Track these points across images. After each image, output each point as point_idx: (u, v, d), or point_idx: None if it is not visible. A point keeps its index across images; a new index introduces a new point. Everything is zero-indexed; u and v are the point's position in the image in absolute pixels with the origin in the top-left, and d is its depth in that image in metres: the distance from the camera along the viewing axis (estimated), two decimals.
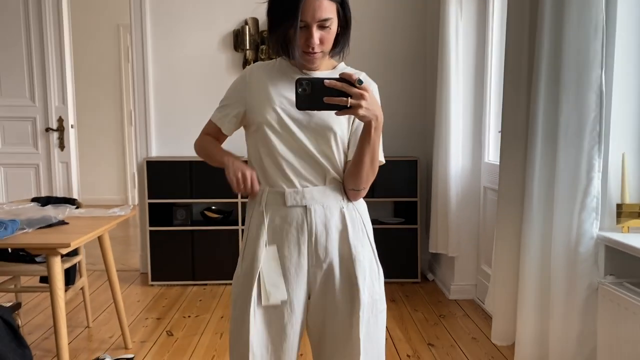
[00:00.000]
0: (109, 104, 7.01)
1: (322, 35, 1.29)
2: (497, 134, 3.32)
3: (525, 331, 2.12)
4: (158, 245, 3.89)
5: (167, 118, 4.16)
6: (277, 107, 1.36)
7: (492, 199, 3.30)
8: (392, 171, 3.84)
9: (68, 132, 4.11)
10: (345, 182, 1.39)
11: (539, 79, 2.02)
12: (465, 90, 3.46)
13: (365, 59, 4.10)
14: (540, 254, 2.07)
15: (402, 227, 3.92)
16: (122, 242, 5.34)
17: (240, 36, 4.06)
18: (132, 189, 7.15)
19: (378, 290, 1.43)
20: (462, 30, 3.40)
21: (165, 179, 3.85)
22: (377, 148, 1.31)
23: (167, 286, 3.90)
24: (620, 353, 1.73)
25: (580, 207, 1.88)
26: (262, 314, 1.39)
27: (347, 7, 1.33)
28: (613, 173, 1.91)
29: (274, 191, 1.38)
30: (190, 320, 3.24)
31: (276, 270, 1.37)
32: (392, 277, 3.93)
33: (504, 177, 2.33)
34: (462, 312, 3.36)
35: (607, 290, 1.79)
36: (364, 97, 1.18)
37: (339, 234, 1.39)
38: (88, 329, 3.13)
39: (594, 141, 1.85)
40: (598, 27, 1.81)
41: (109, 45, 6.89)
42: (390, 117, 4.14)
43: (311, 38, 1.28)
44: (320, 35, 1.29)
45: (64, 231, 2.30)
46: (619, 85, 1.88)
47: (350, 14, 1.34)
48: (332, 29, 1.31)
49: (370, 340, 1.39)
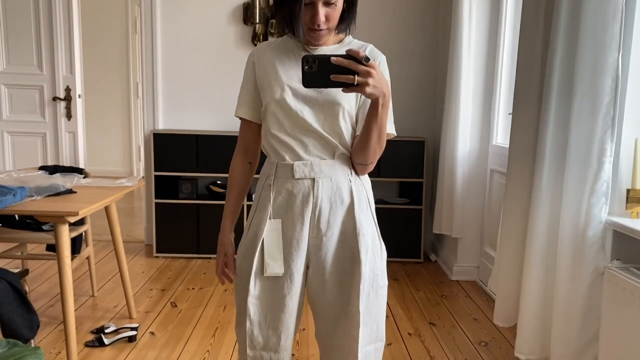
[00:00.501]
0: (116, 76, 6.98)
1: (327, 12, 1.29)
2: (506, 117, 3.30)
3: (528, 313, 2.14)
4: (163, 218, 3.91)
5: (175, 91, 4.14)
6: (285, 84, 1.36)
7: (499, 181, 3.29)
8: (399, 151, 3.84)
9: (75, 101, 4.11)
10: (353, 157, 1.40)
11: (554, 62, 1.99)
12: (476, 72, 3.43)
13: (376, 39, 4.06)
14: (547, 236, 2.07)
15: (406, 208, 3.92)
16: (127, 213, 5.36)
17: (250, 9, 4.01)
18: (137, 161, 7.16)
19: (380, 265, 1.44)
20: (475, 11, 3.35)
21: (171, 152, 3.85)
22: (385, 124, 1.31)
23: (172, 258, 3.93)
24: (623, 337, 1.75)
25: (590, 191, 1.87)
26: (262, 284, 1.41)
27: None
28: (624, 158, 1.90)
29: (284, 164, 1.39)
30: (194, 293, 3.26)
31: (277, 243, 1.39)
32: (395, 257, 3.95)
33: (514, 160, 2.32)
34: (464, 293, 3.38)
35: (613, 274, 1.80)
36: (371, 75, 1.18)
37: (345, 208, 1.40)
38: (93, 297, 3.16)
39: (607, 125, 1.84)
40: (617, 9, 1.78)
41: (117, 17, 6.84)
42: (399, 97, 4.12)
43: (317, 15, 1.28)
44: (326, 12, 1.29)
45: (72, 200, 2.31)
46: (636, 70, 1.86)
47: None
48: (338, 6, 1.30)
49: (370, 313, 1.41)
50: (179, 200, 3.91)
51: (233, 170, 1.53)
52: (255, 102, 1.45)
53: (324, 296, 1.42)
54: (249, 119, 1.47)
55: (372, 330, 1.42)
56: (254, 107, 1.45)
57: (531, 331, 2.14)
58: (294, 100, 1.35)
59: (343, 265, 1.40)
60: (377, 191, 4.17)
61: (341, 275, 1.40)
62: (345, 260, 1.40)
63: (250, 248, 1.42)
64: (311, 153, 1.38)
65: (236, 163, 1.52)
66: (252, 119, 1.46)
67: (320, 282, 1.42)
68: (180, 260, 3.90)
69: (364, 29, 4.03)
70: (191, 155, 3.85)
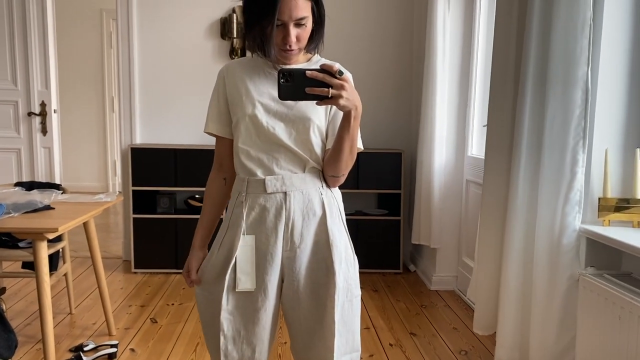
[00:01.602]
0: (91, 90, 6.92)
1: (298, 33, 1.33)
2: (480, 128, 3.37)
3: (507, 321, 2.18)
4: (141, 233, 3.87)
5: (152, 105, 4.13)
6: (256, 100, 1.39)
7: (475, 192, 3.36)
8: (376, 163, 3.88)
9: (51, 116, 4.06)
10: (325, 169, 1.43)
11: (527, 75, 2.06)
12: (451, 85, 3.50)
13: (352, 53, 4.11)
14: (524, 245, 2.12)
15: (385, 219, 3.96)
16: (103, 229, 5.29)
17: (227, 24, 4.04)
18: (113, 176, 7.08)
19: (353, 275, 1.47)
20: (450, 25, 3.43)
21: (149, 167, 3.83)
22: (357, 136, 1.35)
23: (150, 274, 3.89)
24: (599, 342, 1.80)
25: (564, 200, 1.93)
26: (235, 299, 1.43)
27: (321, 5, 1.37)
28: (596, 168, 1.97)
29: (255, 180, 1.42)
30: (173, 308, 3.24)
31: (250, 259, 1.41)
32: (374, 268, 3.98)
33: (489, 171, 2.38)
34: (443, 303, 3.42)
35: (587, 281, 1.85)
36: (344, 88, 1.22)
37: (317, 220, 1.43)
38: (71, 315, 3.11)
39: (578, 137, 1.90)
40: (585, 24, 1.86)
41: (92, 31, 6.79)
42: (376, 110, 4.17)
43: (288, 36, 1.31)
44: (297, 33, 1.33)
45: (51, 216, 2.29)
46: (604, 83, 1.93)
47: (324, 11, 1.38)
48: (308, 26, 1.34)
49: (345, 324, 1.43)
50: (157, 215, 3.88)
51: (209, 187, 1.56)
52: (226, 118, 1.47)
53: (299, 308, 1.44)
54: (219, 135, 1.49)
55: (348, 340, 1.44)
56: (224, 122, 1.48)
57: (510, 339, 2.18)
58: (266, 115, 1.39)
59: (317, 276, 1.42)
60: (356, 203, 4.20)
61: (316, 286, 1.42)
62: (319, 272, 1.42)
63: (223, 265, 1.44)
64: (282, 167, 1.41)
65: (211, 179, 1.55)
66: (223, 135, 1.49)
67: (295, 295, 1.43)
68: (159, 275, 3.87)
69: (339, 43, 4.09)
70: (169, 170, 3.83)
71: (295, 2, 1.29)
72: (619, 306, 1.69)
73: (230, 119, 1.47)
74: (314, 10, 1.35)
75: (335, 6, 4.04)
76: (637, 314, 1.60)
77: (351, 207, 4.14)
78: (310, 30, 1.36)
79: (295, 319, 1.46)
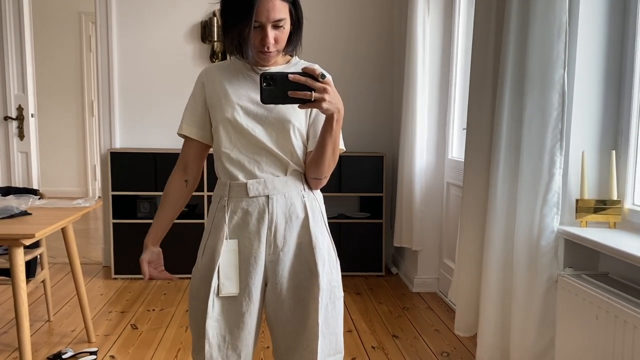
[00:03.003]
0: (70, 94, 6.84)
1: (276, 35, 1.33)
2: (460, 132, 3.40)
3: (488, 322, 2.19)
4: (121, 238, 3.83)
5: (132, 109, 4.09)
6: (236, 104, 1.39)
7: (455, 194, 3.38)
8: (358, 167, 3.89)
9: (28, 121, 4.00)
10: (308, 172, 1.43)
11: (505, 79, 2.08)
12: (431, 89, 3.53)
13: (333, 57, 4.12)
14: (503, 247, 2.14)
15: (367, 222, 3.97)
16: (83, 234, 5.22)
17: (208, 27, 4.02)
18: (92, 181, 7.00)
19: (336, 277, 1.47)
20: (429, 30, 3.46)
21: (129, 171, 3.79)
22: (339, 138, 1.36)
23: (131, 279, 3.85)
24: (578, 341, 1.82)
25: (542, 202, 1.95)
26: (221, 304, 1.42)
27: (299, 7, 1.38)
28: (573, 170, 1.99)
29: (237, 184, 1.41)
30: (154, 314, 3.20)
31: (233, 263, 1.41)
32: (357, 271, 3.98)
33: (469, 173, 2.40)
34: (425, 305, 3.43)
35: (566, 281, 1.87)
36: (327, 91, 1.22)
37: (300, 223, 1.43)
38: (49, 322, 3.06)
39: (556, 139, 1.93)
40: (561, 29, 1.88)
41: (70, 34, 6.72)
42: (358, 113, 4.19)
43: (266, 38, 1.32)
44: (275, 35, 1.33)
45: (28, 222, 2.25)
46: (580, 86, 1.96)
47: (302, 13, 1.39)
48: (286, 28, 1.35)
49: (328, 326, 1.43)
50: (137, 220, 3.84)
51: (168, 186, 1.52)
52: (201, 121, 1.47)
53: (283, 311, 1.44)
54: (193, 137, 1.47)
55: (331, 342, 1.45)
56: (199, 125, 1.47)
57: (491, 339, 2.20)
58: (246, 118, 1.39)
59: (300, 279, 1.42)
60: (338, 206, 4.21)
61: (299, 289, 1.42)
62: (303, 274, 1.42)
63: (207, 271, 1.43)
64: (264, 170, 1.40)
65: (172, 179, 1.52)
66: (197, 138, 1.47)
67: (279, 298, 1.43)
68: (139, 281, 3.83)
69: (319, 46, 4.09)
70: (149, 174, 3.80)
71: (273, 4, 1.29)
72: (596, 306, 1.71)
73: (204, 122, 1.47)
74: (291, 13, 1.35)
75: (316, 9, 4.05)
76: (614, 314, 1.62)
77: (333, 210, 4.14)
78: (288, 33, 1.37)
79: (279, 322, 1.45)
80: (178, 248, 3.84)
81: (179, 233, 3.80)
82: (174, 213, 1.53)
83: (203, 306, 1.42)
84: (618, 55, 1.96)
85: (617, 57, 1.96)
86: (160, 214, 1.52)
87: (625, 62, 1.95)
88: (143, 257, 1.53)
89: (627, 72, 1.94)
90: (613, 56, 1.96)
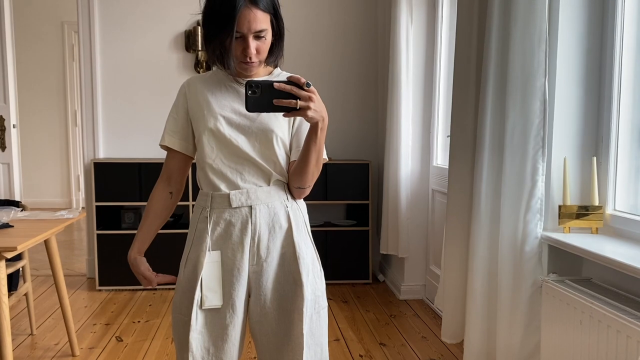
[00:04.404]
0: (52, 104, 6.77)
1: (258, 46, 1.34)
2: (445, 139, 3.42)
3: (474, 328, 2.20)
4: (106, 250, 3.79)
5: (116, 119, 4.07)
6: (218, 114, 1.39)
7: (440, 201, 3.40)
8: (344, 174, 3.90)
9: (10, 132, 3.96)
10: (291, 181, 1.43)
11: (487, 87, 2.11)
12: (415, 97, 3.55)
13: (318, 65, 4.14)
14: (488, 253, 2.15)
15: (354, 229, 3.98)
16: (66, 246, 5.16)
17: (192, 37, 4.02)
18: (76, 191, 6.93)
19: (320, 287, 1.47)
20: (413, 38, 3.49)
21: (113, 182, 3.76)
22: (322, 147, 1.36)
23: (116, 291, 3.81)
24: (562, 346, 1.83)
25: (526, 208, 1.97)
26: (204, 317, 1.41)
27: (280, 18, 1.38)
28: (555, 176, 2.02)
29: (219, 194, 1.41)
30: (140, 326, 3.17)
31: (216, 275, 1.40)
32: (343, 279, 3.98)
33: (453, 180, 2.42)
34: (412, 312, 3.44)
35: (550, 287, 1.89)
36: (312, 99, 1.23)
37: (283, 233, 1.42)
38: (32, 336, 3.02)
39: (538, 146, 1.95)
40: (542, 38, 1.91)
41: (53, 43, 6.67)
42: (343, 122, 4.20)
43: (248, 49, 1.32)
44: (257, 46, 1.33)
45: (9, 234, 2.22)
46: (561, 93, 1.99)
47: (283, 24, 1.39)
48: (267, 39, 1.35)
49: (313, 336, 1.43)
50: (121, 230, 3.81)
51: (152, 198, 1.51)
52: (183, 132, 1.46)
53: (267, 323, 1.43)
54: (175, 149, 1.47)
55: (316, 352, 1.44)
56: (182, 137, 1.47)
57: (477, 346, 2.21)
58: (228, 128, 1.39)
59: (284, 289, 1.42)
60: (324, 214, 4.21)
61: (283, 300, 1.42)
62: (287, 285, 1.42)
63: (189, 282, 1.42)
64: (247, 181, 1.40)
65: (156, 191, 1.51)
66: (179, 149, 1.47)
67: (263, 309, 1.43)
68: (124, 292, 3.79)
69: (304, 55, 4.11)
70: (134, 184, 3.77)
71: (254, 15, 1.30)
72: (580, 311, 1.73)
73: (186, 134, 1.47)
74: (273, 24, 1.36)
75: (299, 18, 4.06)
76: (597, 318, 1.64)
77: (320, 218, 4.14)
78: (270, 43, 1.37)
79: (263, 334, 1.44)
80: (163, 258, 3.81)
81: (164, 243, 3.78)
82: (159, 224, 1.52)
83: (186, 319, 1.41)
84: (597, 63, 2.00)
85: (596, 65, 2.00)
86: (144, 225, 1.51)
87: (604, 70, 1.98)
88: (141, 267, 1.50)
89: (607, 80, 1.97)
90: (592, 64, 1.99)
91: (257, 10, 1.30)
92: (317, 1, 4.12)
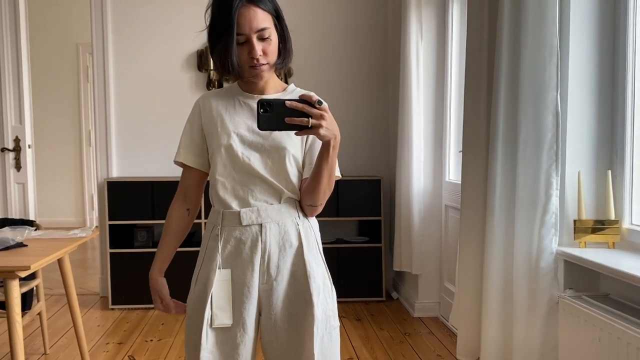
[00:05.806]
0: (67, 124, 6.86)
1: (264, 47, 1.33)
2: (457, 154, 3.40)
3: (490, 345, 2.16)
4: (119, 268, 3.80)
5: (129, 138, 4.10)
6: (232, 132, 1.39)
7: (454, 217, 3.37)
8: (356, 191, 3.88)
9: (25, 152, 4.01)
10: (303, 199, 1.42)
11: (498, 101, 2.09)
12: (426, 112, 3.55)
13: (328, 82, 4.15)
14: (503, 269, 2.12)
15: (366, 246, 3.95)
16: (80, 265, 5.18)
17: (204, 56, 4.06)
18: (90, 210, 6.98)
19: (331, 306, 1.45)
20: (423, 53, 3.49)
21: (126, 200, 3.78)
22: (335, 165, 1.35)
23: (129, 310, 3.80)
24: None
25: (540, 223, 1.94)
26: (215, 335, 1.40)
27: (282, 19, 1.37)
28: (570, 190, 1.99)
29: (230, 212, 1.40)
30: (152, 344, 3.16)
31: (227, 293, 1.39)
32: (357, 296, 3.94)
33: (466, 196, 2.40)
34: (427, 330, 3.39)
35: (566, 303, 1.86)
36: (324, 117, 1.22)
37: (294, 251, 1.41)
38: (45, 355, 3.02)
39: (551, 160, 1.93)
40: (553, 52, 1.90)
41: (68, 64, 6.77)
42: (354, 137, 4.20)
43: (253, 50, 1.31)
44: (262, 47, 1.32)
45: (23, 254, 2.23)
46: (573, 106, 1.97)
47: (286, 25, 1.38)
48: (273, 39, 1.34)
49: (324, 356, 1.40)
50: (134, 249, 3.82)
51: (170, 216, 1.51)
52: (198, 149, 1.46)
53: (277, 342, 1.41)
54: (190, 165, 1.47)
55: None
56: (197, 153, 1.47)
57: None
58: (241, 146, 1.38)
59: (295, 309, 1.40)
60: (336, 230, 4.19)
61: (294, 319, 1.40)
62: (297, 304, 1.40)
63: (199, 300, 1.41)
64: (258, 199, 1.39)
65: (173, 209, 1.51)
66: (194, 165, 1.47)
67: (273, 328, 1.41)
68: (137, 311, 3.78)
69: (314, 72, 4.12)
70: (147, 203, 3.79)
71: (254, 12, 1.29)
72: (598, 328, 1.69)
73: (201, 150, 1.46)
74: (276, 25, 1.35)
75: (310, 35, 4.09)
76: (616, 335, 1.60)
77: (332, 235, 4.12)
78: (276, 44, 1.35)
79: (274, 353, 1.43)
80: (176, 276, 3.80)
81: (177, 261, 3.77)
82: (177, 242, 1.53)
83: (196, 337, 1.39)
84: (610, 76, 1.98)
85: (609, 78, 1.98)
86: (163, 244, 1.51)
87: (617, 82, 1.96)
88: (163, 290, 1.52)
89: (620, 92, 1.95)
90: (605, 77, 1.98)
91: (257, 9, 1.30)
92: (327, 18, 4.15)
